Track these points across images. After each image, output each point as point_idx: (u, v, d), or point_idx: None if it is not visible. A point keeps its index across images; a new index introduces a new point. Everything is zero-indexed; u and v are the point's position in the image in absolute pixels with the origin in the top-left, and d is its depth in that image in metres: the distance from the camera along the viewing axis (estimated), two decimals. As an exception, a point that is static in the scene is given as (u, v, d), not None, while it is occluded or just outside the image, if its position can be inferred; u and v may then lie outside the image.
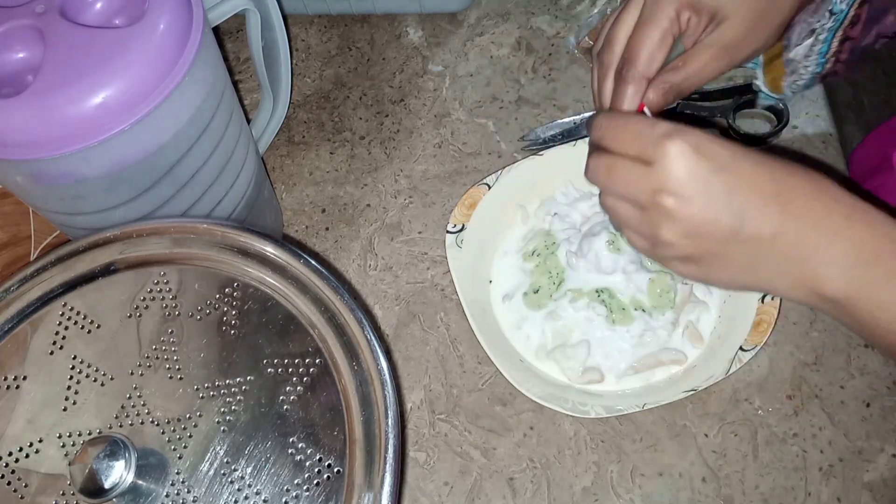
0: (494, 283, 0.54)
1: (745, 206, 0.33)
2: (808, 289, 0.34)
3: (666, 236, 0.35)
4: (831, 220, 0.33)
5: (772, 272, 0.34)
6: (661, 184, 0.34)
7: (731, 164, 0.33)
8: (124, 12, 0.41)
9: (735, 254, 0.34)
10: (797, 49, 0.53)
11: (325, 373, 0.34)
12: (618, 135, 0.36)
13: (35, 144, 0.36)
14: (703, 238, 0.34)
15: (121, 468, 0.31)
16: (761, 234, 0.33)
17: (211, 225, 0.38)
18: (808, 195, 0.33)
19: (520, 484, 0.48)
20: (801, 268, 0.33)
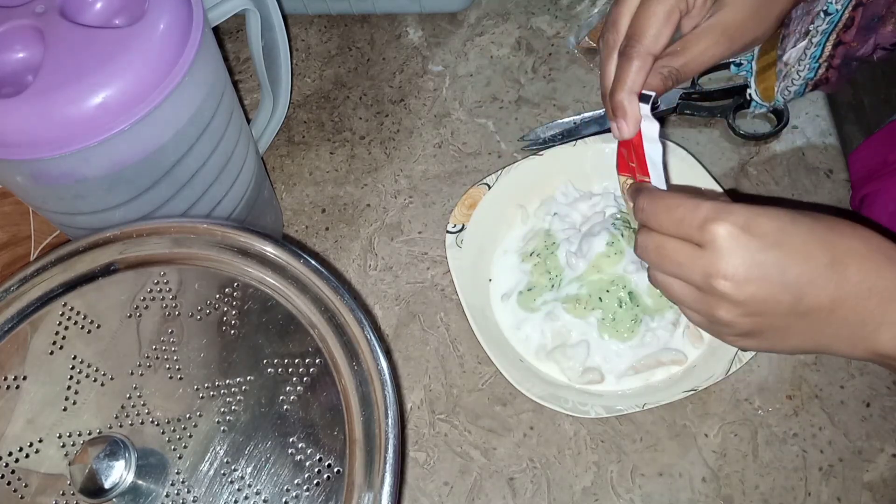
0: (494, 281, 0.54)
1: (800, 280, 0.33)
2: (868, 349, 0.34)
3: (724, 317, 0.35)
4: (886, 281, 0.33)
5: (832, 337, 0.35)
6: (713, 268, 0.33)
7: (781, 239, 0.33)
8: (124, 12, 0.41)
9: (796, 326, 0.34)
10: (791, 52, 0.53)
11: (325, 373, 0.34)
12: (662, 220, 0.35)
13: (35, 144, 0.36)
14: (762, 316, 0.34)
15: (121, 468, 0.31)
16: (820, 304, 0.33)
17: (211, 225, 0.38)
18: (862, 258, 0.33)
19: (520, 484, 0.48)
20: (861, 331, 0.34)
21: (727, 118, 0.59)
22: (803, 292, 0.33)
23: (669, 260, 0.35)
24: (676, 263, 0.35)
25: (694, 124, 0.61)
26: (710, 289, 0.34)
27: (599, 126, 0.60)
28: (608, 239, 0.50)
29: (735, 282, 0.33)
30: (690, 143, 0.59)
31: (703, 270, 0.34)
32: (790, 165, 0.58)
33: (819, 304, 0.33)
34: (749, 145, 0.59)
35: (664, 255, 0.36)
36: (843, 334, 0.34)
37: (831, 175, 0.57)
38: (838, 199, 0.56)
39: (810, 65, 0.53)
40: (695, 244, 0.34)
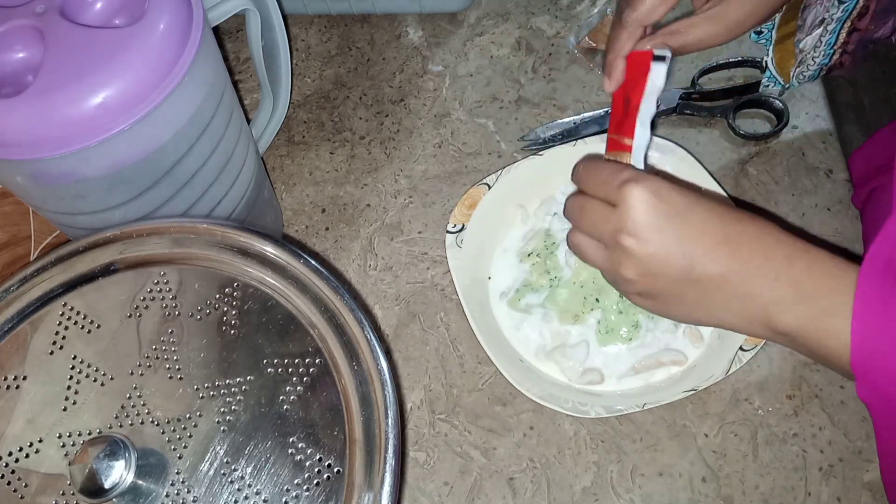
0: (493, 279, 0.54)
1: (695, 250, 0.36)
2: (760, 324, 0.37)
3: (626, 273, 0.38)
4: (774, 260, 0.36)
5: (723, 310, 0.37)
6: (621, 224, 0.37)
7: (684, 211, 0.37)
8: (124, 12, 0.41)
9: (688, 292, 0.38)
10: (806, 40, 0.53)
11: (325, 373, 0.34)
12: (589, 178, 0.40)
13: (35, 144, 0.36)
14: (657, 277, 0.37)
15: (121, 468, 0.31)
16: (710, 275, 0.36)
17: (211, 225, 0.38)
18: (753, 239, 0.36)
19: (520, 484, 0.48)
20: (750, 306, 0.36)
21: (727, 118, 0.59)
22: (696, 261, 0.36)
23: (587, 219, 0.40)
24: (591, 223, 0.39)
25: (694, 124, 0.61)
26: (615, 245, 0.38)
27: (599, 126, 0.60)
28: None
29: (637, 238, 0.37)
30: (690, 143, 0.59)
31: (613, 227, 0.38)
32: (790, 165, 0.58)
33: (709, 274, 0.36)
34: (749, 145, 0.59)
35: (584, 213, 0.40)
36: (733, 308, 0.37)
37: (831, 175, 0.57)
38: (838, 199, 0.56)
39: (825, 51, 0.53)
40: (611, 205, 0.38)
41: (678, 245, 0.36)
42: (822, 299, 0.34)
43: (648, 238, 0.36)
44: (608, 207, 0.38)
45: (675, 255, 0.36)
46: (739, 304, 0.37)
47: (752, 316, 0.36)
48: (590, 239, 0.40)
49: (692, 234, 0.36)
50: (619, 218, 0.37)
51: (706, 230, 0.36)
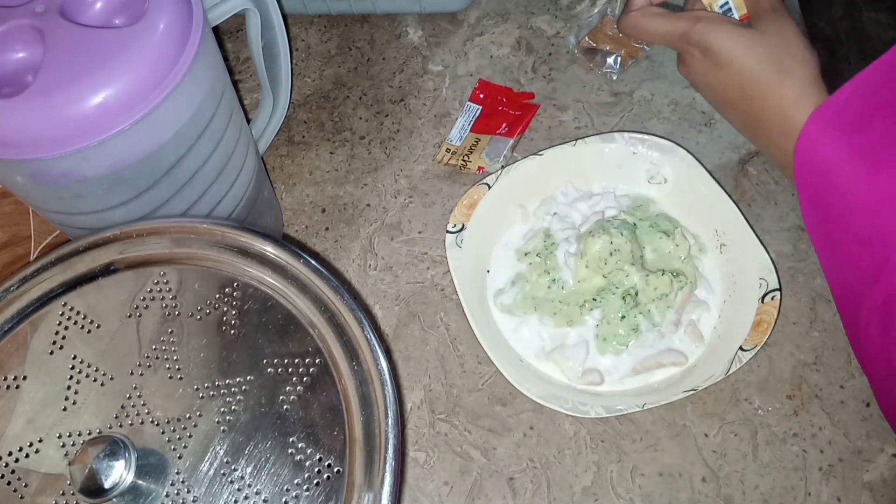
0: (492, 272, 0.54)
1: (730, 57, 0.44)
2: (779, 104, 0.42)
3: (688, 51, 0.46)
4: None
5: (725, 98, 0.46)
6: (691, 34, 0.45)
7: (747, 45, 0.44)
8: (124, 12, 0.41)
9: (712, 74, 0.45)
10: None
11: (325, 373, 0.34)
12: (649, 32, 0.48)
13: (35, 144, 0.36)
14: (707, 56, 0.45)
15: (121, 468, 0.31)
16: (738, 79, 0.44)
17: (211, 225, 0.38)
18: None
19: (520, 484, 0.48)
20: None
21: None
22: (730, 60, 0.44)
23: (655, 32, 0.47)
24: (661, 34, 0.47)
25: (694, 124, 0.61)
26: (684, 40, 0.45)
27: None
28: (608, 240, 0.50)
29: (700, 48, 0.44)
30: (690, 143, 0.59)
31: (682, 33, 0.45)
32: (790, 165, 0.58)
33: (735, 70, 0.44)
34: (749, 144, 0.59)
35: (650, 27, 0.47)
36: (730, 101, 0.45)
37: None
38: (838, 199, 0.56)
39: None
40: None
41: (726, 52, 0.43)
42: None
43: (704, 44, 0.44)
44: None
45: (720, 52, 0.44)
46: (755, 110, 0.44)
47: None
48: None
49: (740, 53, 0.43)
50: (695, 32, 0.44)
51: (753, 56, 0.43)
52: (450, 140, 0.61)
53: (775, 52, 0.42)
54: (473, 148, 0.60)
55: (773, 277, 0.48)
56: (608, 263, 0.50)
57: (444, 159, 0.60)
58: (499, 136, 0.61)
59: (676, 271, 0.50)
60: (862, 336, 0.39)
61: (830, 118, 0.39)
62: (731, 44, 0.43)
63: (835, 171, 0.38)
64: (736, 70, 0.43)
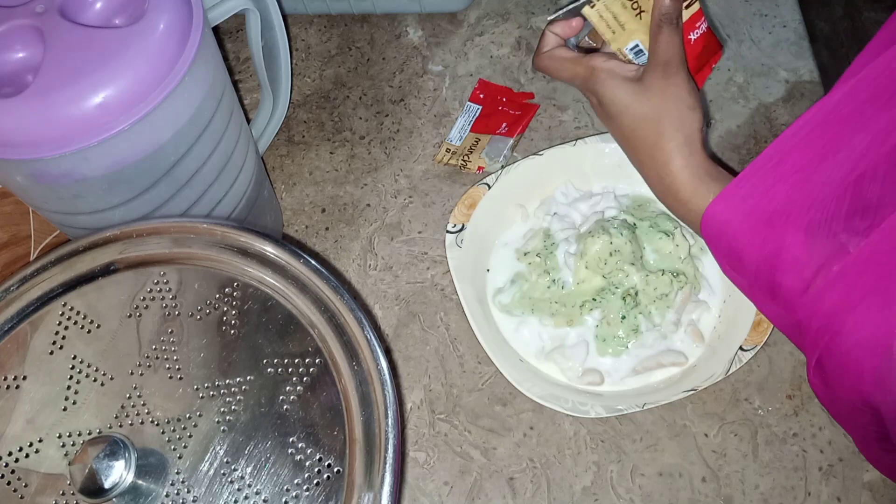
0: (492, 270, 0.54)
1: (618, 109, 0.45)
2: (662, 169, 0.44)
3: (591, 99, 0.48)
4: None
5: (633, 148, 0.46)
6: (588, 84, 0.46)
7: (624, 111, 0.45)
8: (124, 12, 0.41)
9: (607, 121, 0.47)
10: None
11: (325, 373, 0.34)
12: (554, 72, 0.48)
13: (35, 144, 0.36)
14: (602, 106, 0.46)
15: (121, 468, 0.31)
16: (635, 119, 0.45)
17: (211, 225, 0.38)
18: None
19: (520, 484, 0.48)
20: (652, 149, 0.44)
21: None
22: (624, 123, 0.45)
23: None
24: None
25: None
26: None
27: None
28: (607, 240, 0.50)
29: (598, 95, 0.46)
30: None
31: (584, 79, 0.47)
32: (790, 165, 0.58)
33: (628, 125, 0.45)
34: (749, 145, 0.59)
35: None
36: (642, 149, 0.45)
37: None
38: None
39: None
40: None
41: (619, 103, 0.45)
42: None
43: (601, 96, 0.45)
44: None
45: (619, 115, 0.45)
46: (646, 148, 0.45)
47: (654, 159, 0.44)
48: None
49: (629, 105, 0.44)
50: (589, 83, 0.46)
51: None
52: (450, 140, 0.61)
53: (655, 110, 0.43)
54: (473, 148, 0.60)
55: (773, 277, 0.48)
56: (608, 264, 0.50)
57: (444, 159, 0.60)
58: (499, 135, 0.61)
59: (676, 271, 0.50)
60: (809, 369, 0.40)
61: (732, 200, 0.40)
62: (618, 98, 0.44)
63: (737, 237, 0.39)
64: (620, 124, 0.45)
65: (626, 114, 0.44)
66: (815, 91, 0.60)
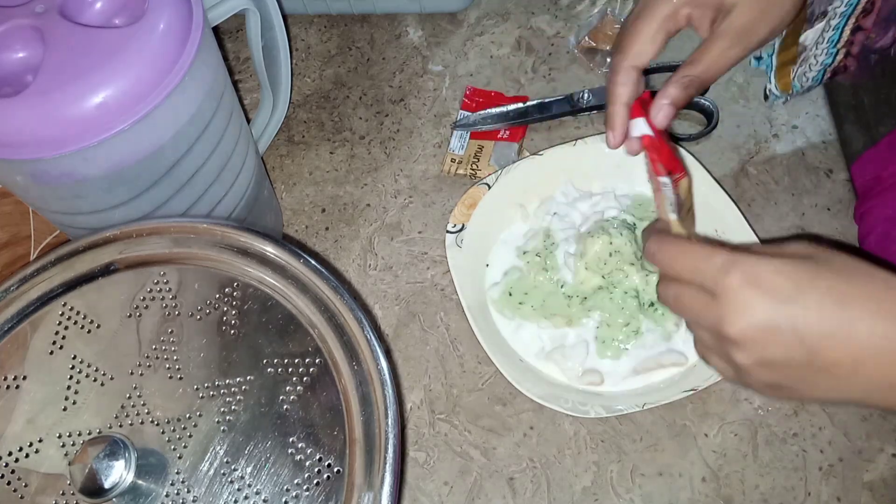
0: (491, 266, 0.54)
1: (812, 336, 0.32)
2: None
3: (742, 362, 0.34)
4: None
5: (864, 393, 0.33)
6: (725, 321, 0.33)
7: (795, 296, 0.32)
8: (124, 12, 0.41)
9: (817, 380, 0.33)
10: (807, 34, 0.52)
11: (325, 373, 0.34)
12: (676, 267, 0.35)
13: (35, 144, 0.36)
14: (778, 367, 0.33)
15: (121, 468, 0.31)
16: (839, 361, 0.32)
17: (211, 225, 0.38)
18: (879, 303, 0.32)
19: (520, 484, 0.48)
20: (891, 381, 0.32)
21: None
22: (818, 349, 0.32)
23: (686, 308, 0.35)
24: (693, 311, 0.35)
25: (693, 123, 0.61)
26: (723, 338, 0.34)
27: (539, 112, 0.61)
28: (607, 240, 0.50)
29: (744, 331, 0.32)
30: (690, 142, 0.59)
31: (715, 320, 0.33)
32: (790, 165, 0.58)
33: (837, 360, 0.32)
34: (749, 145, 0.59)
35: (682, 304, 0.36)
36: (872, 390, 0.32)
37: (831, 175, 0.57)
38: (838, 199, 0.56)
39: (828, 49, 0.52)
40: (710, 293, 0.33)
41: (792, 336, 0.32)
42: None
43: (757, 328, 0.32)
44: (706, 296, 0.34)
45: (793, 344, 0.32)
46: (881, 382, 0.32)
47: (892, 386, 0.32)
48: (697, 325, 0.36)
49: (807, 320, 0.32)
50: (722, 314, 0.33)
51: (823, 314, 0.32)
52: (451, 150, 0.61)
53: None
54: (479, 154, 0.60)
55: (773, 277, 0.48)
56: (608, 264, 0.50)
57: (452, 170, 0.60)
58: (502, 141, 0.60)
59: None
60: None
61: None
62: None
63: None
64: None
65: None
66: (814, 91, 0.60)
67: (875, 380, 0.32)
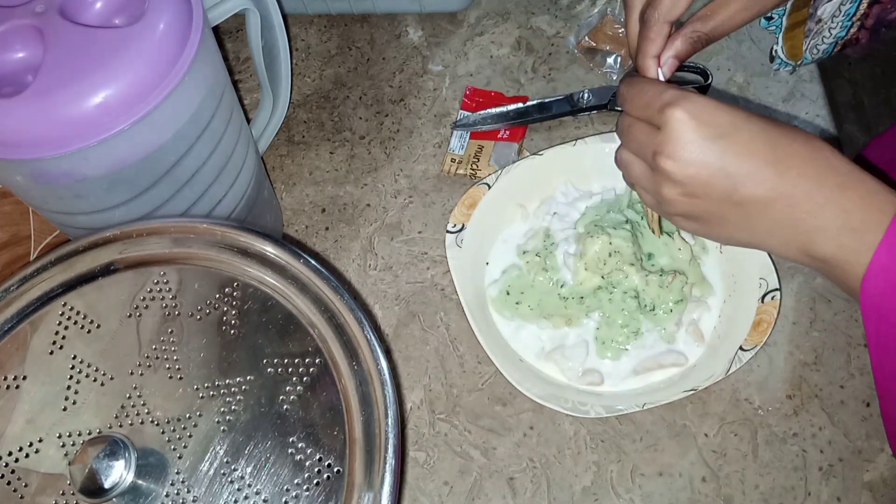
0: (491, 264, 0.54)
1: (739, 171, 0.35)
2: (799, 249, 0.36)
3: (667, 194, 0.38)
4: (824, 187, 0.35)
5: (765, 232, 0.37)
6: (661, 146, 0.36)
7: (729, 131, 0.35)
8: (124, 12, 0.41)
9: (731, 214, 0.37)
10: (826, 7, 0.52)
11: (325, 373, 0.34)
12: (633, 100, 0.39)
13: (35, 144, 0.36)
14: (700, 198, 0.37)
15: (121, 468, 0.31)
16: (755, 197, 0.35)
17: (211, 225, 0.38)
18: (805, 162, 0.35)
19: (520, 484, 0.48)
20: (793, 230, 0.36)
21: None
22: (740, 182, 0.35)
23: (632, 137, 0.39)
24: (637, 142, 0.39)
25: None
26: (656, 167, 0.37)
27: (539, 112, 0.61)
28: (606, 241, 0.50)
29: (677, 161, 0.36)
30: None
31: (654, 149, 0.37)
32: (790, 165, 0.58)
33: (754, 196, 0.35)
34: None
35: (629, 133, 0.39)
36: (776, 231, 0.36)
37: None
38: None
39: (843, 23, 0.52)
40: (654, 126, 0.37)
41: (720, 166, 0.35)
42: (869, 233, 0.33)
43: (689, 160, 0.36)
44: (652, 129, 0.37)
45: (718, 177, 0.35)
46: (782, 228, 0.36)
47: (792, 240, 0.36)
48: (635, 157, 0.39)
49: (737, 154, 0.35)
50: (660, 140, 0.36)
51: (753, 151, 0.35)
52: (451, 150, 0.61)
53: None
54: (479, 154, 0.60)
55: (773, 277, 0.48)
56: (607, 264, 0.50)
57: (452, 170, 0.60)
58: (502, 141, 0.60)
59: (679, 272, 0.50)
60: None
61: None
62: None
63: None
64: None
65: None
66: (814, 91, 0.60)
67: (781, 218, 0.35)
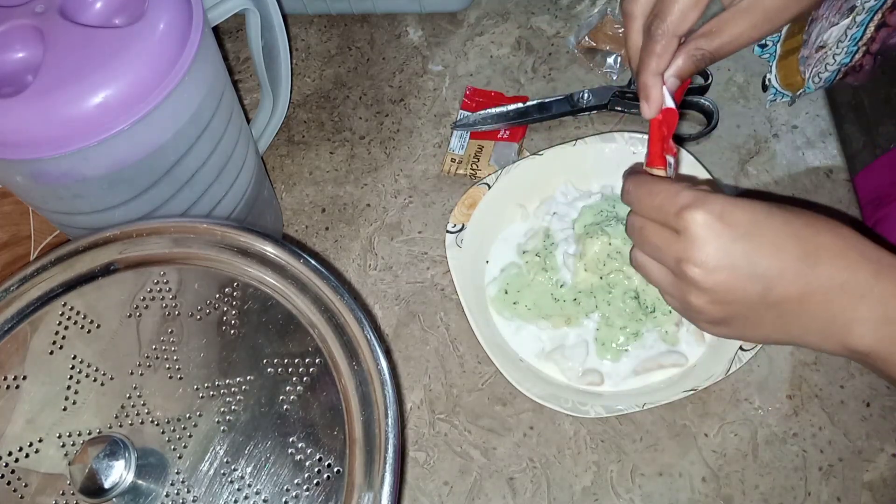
0: (491, 262, 0.54)
1: (769, 272, 0.34)
2: (838, 343, 0.35)
3: (695, 303, 0.36)
4: (858, 278, 0.33)
5: (802, 329, 0.35)
6: (685, 253, 0.34)
7: (754, 230, 0.34)
8: (124, 12, 0.41)
9: (765, 316, 0.35)
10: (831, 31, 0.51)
11: (325, 373, 0.34)
12: (644, 203, 0.37)
13: (35, 144, 0.36)
14: (731, 304, 0.35)
15: (121, 468, 0.31)
16: (789, 296, 0.34)
17: (211, 225, 0.38)
18: (835, 254, 0.34)
19: (520, 484, 0.48)
20: (830, 325, 0.34)
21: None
22: (772, 283, 0.34)
23: (648, 242, 0.37)
24: (654, 246, 0.37)
25: (693, 123, 0.61)
26: (682, 274, 0.35)
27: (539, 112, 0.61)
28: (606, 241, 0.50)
29: (704, 269, 0.34)
30: (690, 142, 0.59)
31: (676, 255, 0.35)
32: (790, 165, 0.58)
33: (787, 295, 0.34)
34: (749, 145, 0.59)
35: (643, 235, 0.37)
36: (812, 328, 0.35)
37: (831, 175, 0.57)
38: (838, 199, 0.56)
39: (848, 48, 0.51)
40: (672, 230, 0.35)
41: (750, 269, 0.34)
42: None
43: (716, 267, 0.34)
44: (669, 232, 0.35)
45: (748, 280, 0.34)
46: (819, 324, 0.34)
47: (830, 335, 0.34)
48: (654, 262, 0.38)
49: (765, 254, 0.34)
50: (682, 247, 0.35)
51: (780, 248, 0.34)
52: (451, 150, 0.61)
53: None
54: (479, 154, 0.60)
55: (773, 277, 0.48)
56: (607, 265, 0.50)
57: (452, 170, 0.60)
58: (502, 141, 0.60)
59: None
60: None
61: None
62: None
63: None
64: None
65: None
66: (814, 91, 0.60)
67: (818, 314, 0.34)
